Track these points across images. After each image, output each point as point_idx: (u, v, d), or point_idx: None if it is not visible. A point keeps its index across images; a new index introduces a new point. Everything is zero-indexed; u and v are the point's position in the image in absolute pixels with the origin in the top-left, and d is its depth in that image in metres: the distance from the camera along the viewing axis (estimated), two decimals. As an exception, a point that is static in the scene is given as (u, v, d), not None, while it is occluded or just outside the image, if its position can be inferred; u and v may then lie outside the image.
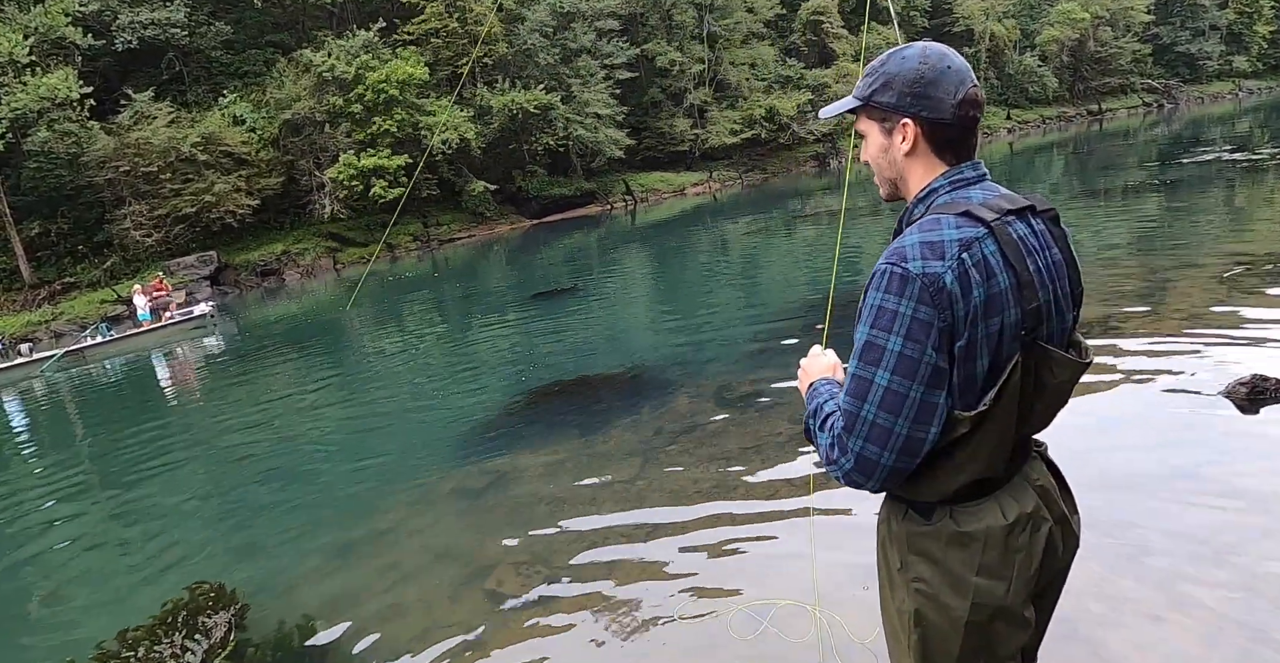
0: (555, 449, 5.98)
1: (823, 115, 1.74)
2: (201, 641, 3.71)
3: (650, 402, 6.73)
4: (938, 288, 1.39)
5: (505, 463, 5.91)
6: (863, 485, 1.50)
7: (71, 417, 13.01)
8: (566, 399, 7.41)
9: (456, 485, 5.68)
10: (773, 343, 8.30)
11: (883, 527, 1.68)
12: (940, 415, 1.43)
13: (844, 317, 8.65)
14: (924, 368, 1.40)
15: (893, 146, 1.60)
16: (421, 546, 4.82)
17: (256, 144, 28.71)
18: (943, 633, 1.56)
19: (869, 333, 1.46)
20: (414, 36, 31.65)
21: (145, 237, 26.66)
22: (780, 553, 3.95)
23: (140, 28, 28.05)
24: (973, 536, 1.52)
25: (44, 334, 23.31)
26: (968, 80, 1.54)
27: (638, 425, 6.14)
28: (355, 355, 12.69)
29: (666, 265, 17.19)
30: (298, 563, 4.93)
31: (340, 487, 6.32)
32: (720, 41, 40.07)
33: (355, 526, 5.35)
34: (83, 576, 5.47)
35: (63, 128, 25.86)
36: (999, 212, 1.49)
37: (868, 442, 1.44)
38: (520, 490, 5.34)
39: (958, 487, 1.51)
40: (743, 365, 7.58)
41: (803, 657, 3.09)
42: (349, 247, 29.89)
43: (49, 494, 7.73)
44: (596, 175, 35.30)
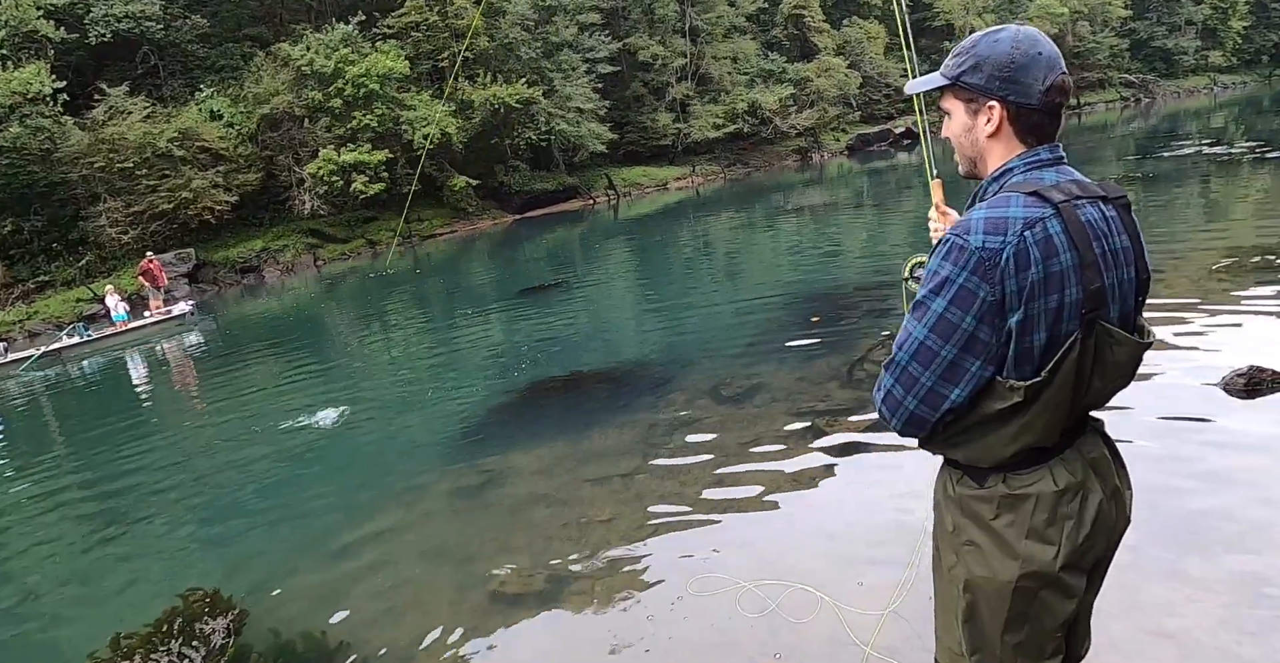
0: (550, 447, 5.92)
1: (909, 90, 1.83)
2: (199, 648, 3.63)
3: (645, 398, 6.67)
4: (992, 262, 1.47)
5: (500, 461, 5.83)
6: (888, 422, 1.62)
7: (49, 419, 12.76)
8: (559, 396, 7.33)
9: (452, 485, 5.61)
10: (766, 337, 8.25)
11: (939, 493, 1.76)
12: (970, 380, 1.52)
13: (842, 307, 8.80)
14: (960, 334, 1.50)
15: (976, 127, 1.65)
16: (419, 547, 4.75)
17: (234, 140, 28.30)
18: (991, 598, 1.62)
19: (923, 292, 1.55)
20: (394, 30, 31.30)
21: (121, 234, 26.22)
22: (782, 545, 3.94)
23: (114, 21, 27.54)
24: (1022, 498, 1.58)
25: (18, 334, 22.87)
26: (1057, 67, 1.57)
27: (633, 422, 6.09)
28: (340, 354, 12.51)
29: (653, 260, 17.14)
30: (292, 567, 4.85)
31: (331, 488, 6.21)
32: (702, 35, 40.00)
33: (349, 528, 5.26)
34: (69, 583, 5.34)
35: (35, 123, 25.33)
36: (1069, 195, 1.53)
37: (898, 383, 1.57)
38: (517, 489, 5.28)
39: (1012, 453, 1.57)
40: (737, 360, 7.54)
41: (813, 636, 3.06)
42: (329, 243, 29.56)
43: (28, 500, 7.57)
44: (579, 170, 35.16)
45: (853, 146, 42.04)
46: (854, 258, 13.09)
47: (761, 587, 3.54)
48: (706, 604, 3.52)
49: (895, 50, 48.41)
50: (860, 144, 42.00)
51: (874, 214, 18.58)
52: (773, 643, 3.14)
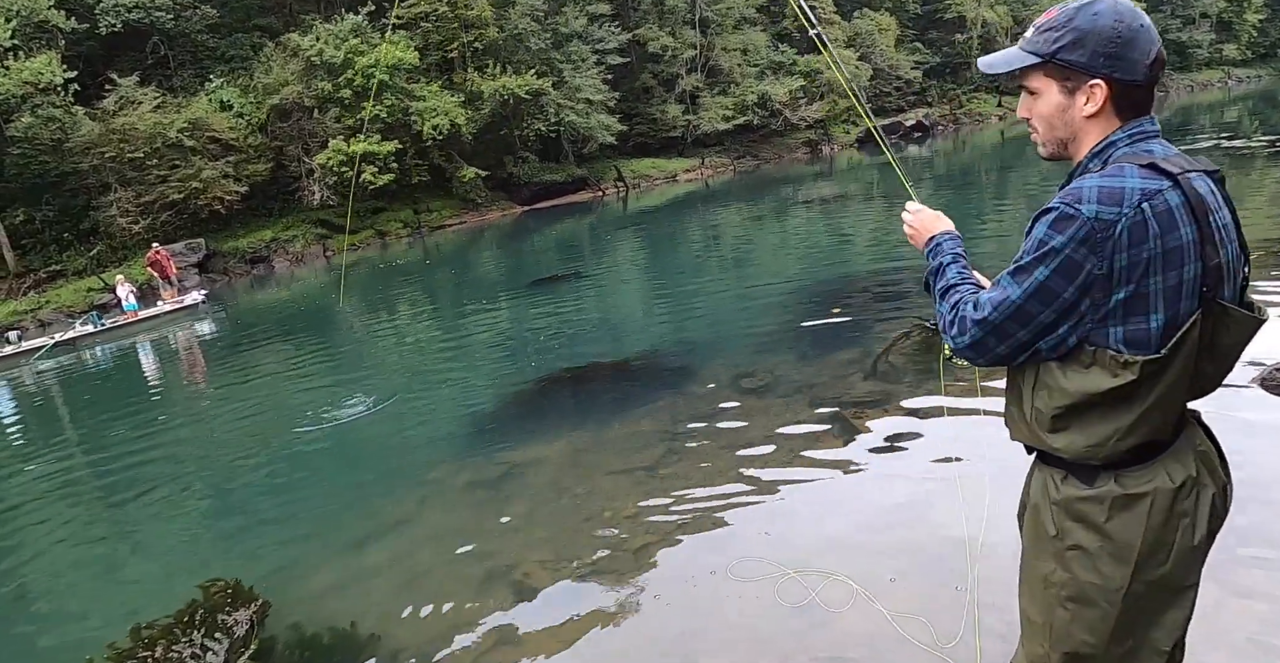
0: (570, 438, 5.87)
1: (987, 70, 1.65)
2: (222, 639, 3.60)
3: (665, 389, 6.61)
4: (1105, 235, 1.40)
5: (520, 454, 5.78)
6: (972, 360, 1.60)
7: (64, 407, 12.79)
8: (578, 387, 7.27)
9: (471, 478, 5.55)
10: (785, 328, 8.18)
11: (1037, 496, 1.65)
12: (1057, 339, 1.50)
13: (862, 299, 8.76)
14: (1061, 302, 1.46)
15: (1073, 107, 1.54)
16: (439, 540, 4.70)
17: (244, 130, 28.28)
18: (1098, 605, 1.53)
19: (1026, 258, 1.49)
20: (404, 21, 31.15)
21: (132, 224, 26.25)
22: (814, 537, 3.90)
23: (124, 11, 27.52)
24: (1138, 498, 1.50)
25: (30, 323, 22.95)
26: (1157, 39, 1.50)
27: (654, 413, 6.03)
28: (351, 344, 12.49)
29: (665, 251, 17.05)
30: (311, 559, 4.81)
31: (347, 480, 6.17)
32: (712, 27, 39.77)
33: (367, 520, 5.22)
34: (84, 573, 5.33)
35: (46, 113, 25.36)
36: (1181, 167, 1.46)
37: (989, 335, 1.54)
38: (538, 481, 5.22)
39: (1126, 449, 1.50)
40: (757, 351, 7.47)
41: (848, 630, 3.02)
42: (339, 234, 29.54)
43: (44, 489, 7.58)
44: (588, 161, 35.05)
45: (863, 139, 41.78)
46: (870, 250, 12.98)
47: (796, 579, 3.49)
48: (739, 595, 3.48)
49: (906, 42, 48.10)
50: (870, 137, 41.73)
51: (886, 207, 18.44)
52: (808, 635, 3.10)
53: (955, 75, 50.01)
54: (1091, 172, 1.51)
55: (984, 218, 14.31)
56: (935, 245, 1.78)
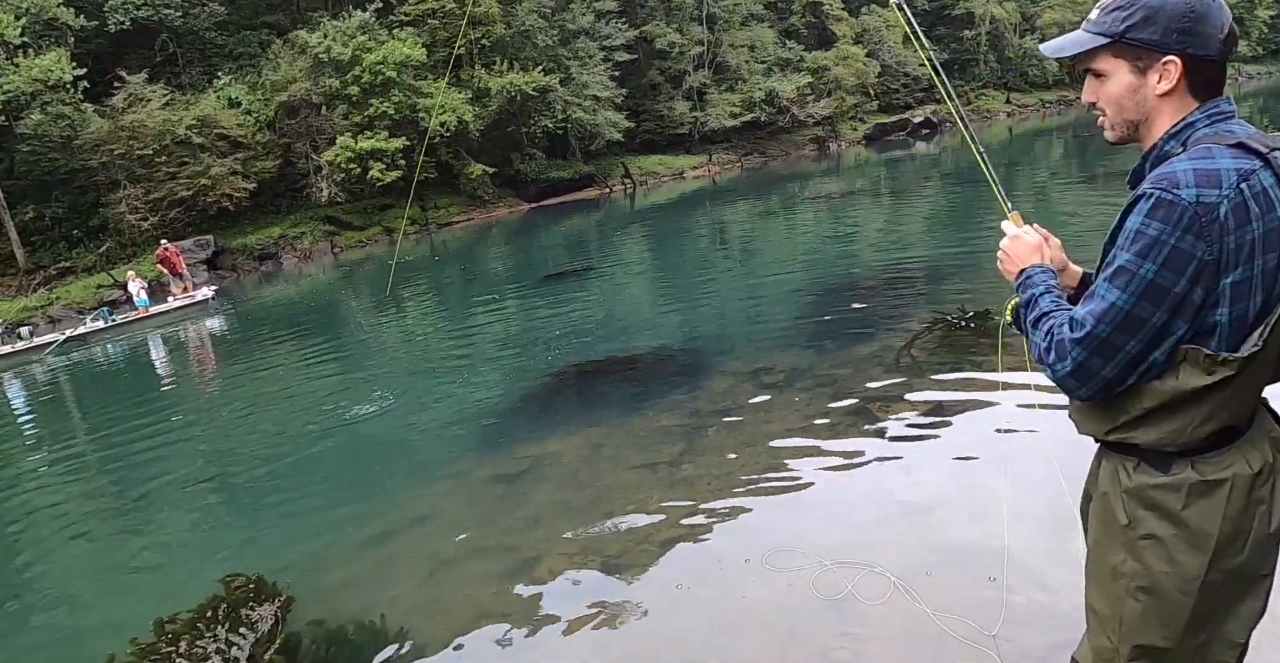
0: (590, 433, 5.84)
1: (1056, 54, 1.59)
2: (247, 634, 3.59)
3: (684, 383, 6.58)
4: (1210, 218, 1.35)
5: (539, 448, 5.75)
6: (1074, 391, 1.50)
7: (77, 403, 12.82)
8: (596, 381, 7.25)
9: (491, 472, 5.53)
10: (803, 323, 8.15)
11: (1106, 484, 1.60)
12: (1173, 343, 1.42)
13: (880, 294, 8.66)
14: (1173, 298, 1.39)
15: (1145, 86, 1.49)
16: (460, 535, 4.68)
17: (252, 127, 28.31)
18: (1171, 596, 1.49)
19: (1124, 258, 1.42)
20: (411, 17, 31.17)
21: (141, 221, 26.31)
22: (848, 530, 3.87)
23: (133, 8, 27.56)
24: (1216, 485, 1.45)
25: (40, 319, 23.02)
26: (1228, 12, 1.46)
27: (674, 407, 5.99)
28: (364, 339, 12.47)
29: (675, 247, 17.01)
30: (332, 554, 4.79)
31: (365, 474, 6.14)
32: (720, 23, 39.66)
33: (387, 514, 5.20)
34: (102, 568, 5.34)
35: (56, 110, 25.42)
36: (1267, 146, 1.41)
37: (1094, 355, 1.44)
38: (559, 476, 5.19)
39: (1205, 435, 1.45)
40: (778, 345, 7.46)
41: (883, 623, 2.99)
42: (346, 230, 29.59)
43: (59, 484, 7.59)
44: (595, 158, 34.99)
45: (870, 136, 41.67)
46: (882, 245, 12.94)
47: (832, 570, 3.46)
48: (773, 585, 3.45)
49: (914, 39, 47.91)
50: (878, 133, 41.63)
51: (897, 203, 18.41)
52: (845, 627, 3.07)
53: (963, 72, 49.78)
54: (1172, 155, 1.46)
55: (989, 219, 14.21)
56: (1026, 278, 1.67)
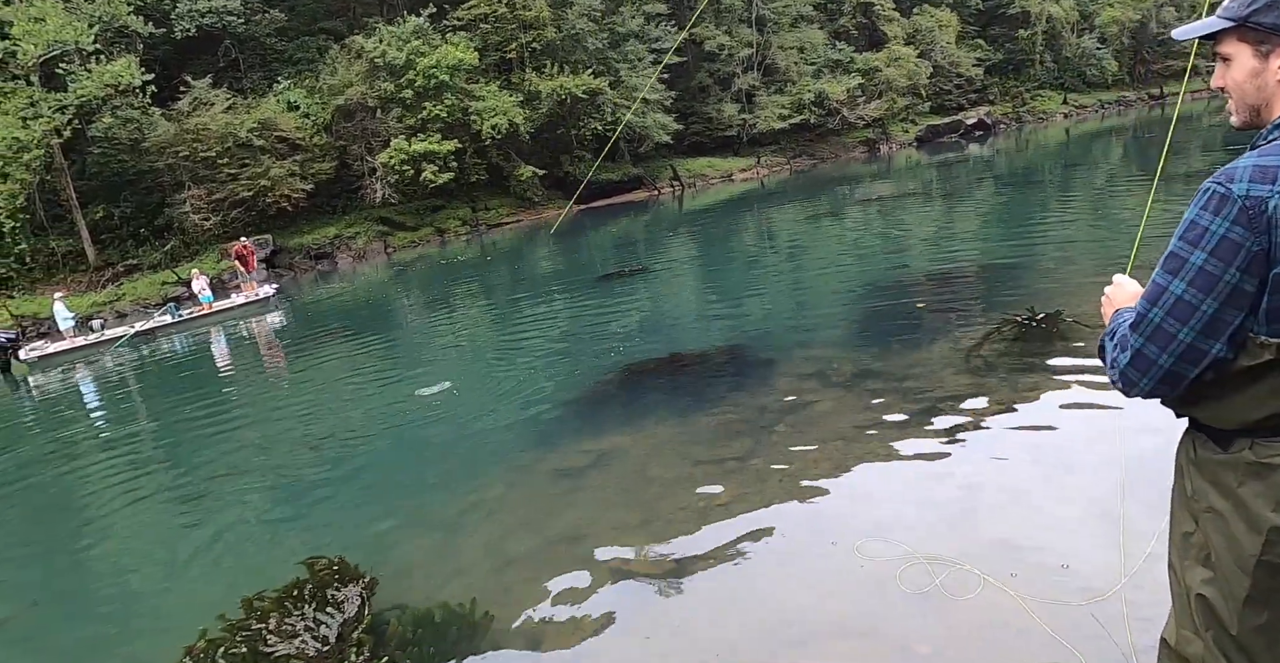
0: (655, 429, 5.84)
1: (1182, 36, 1.65)
2: (334, 614, 3.69)
3: (749, 380, 6.57)
4: (1258, 211, 1.40)
5: (604, 443, 5.77)
6: (1135, 383, 1.54)
7: (146, 393, 13.28)
8: (659, 377, 7.26)
9: (556, 465, 5.57)
10: (867, 323, 8.08)
11: (1181, 454, 1.67)
12: (1229, 334, 1.44)
13: (946, 294, 8.57)
14: (1223, 286, 1.43)
15: (1268, 71, 1.52)
16: (529, 525, 4.72)
17: (310, 130, 29.05)
18: (1232, 571, 1.52)
19: (1176, 244, 1.49)
20: (463, 22, 31.68)
21: (204, 220, 27.18)
22: (930, 526, 3.83)
23: (198, 16, 28.50)
24: (1272, 468, 1.48)
25: (108, 314, 23.90)
26: None
27: (739, 405, 5.97)
28: (424, 336, 12.68)
29: (730, 249, 16.95)
30: (406, 541, 4.88)
31: (431, 467, 6.24)
32: (769, 25, 39.53)
33: (456, 504, 5.29)
34: (181, 553, 5.42)
35: (125, 114, 26.41)
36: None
37: (1149, 341, 1.50)
38: (625, 470, 5.21)
39: (1262, 416, 1.48)
40: (842, 344, 7.41)
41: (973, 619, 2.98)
42: (399, 231, 30.17)
43: (135, 473, 7.82)
44: (644, 160, 35.12)
45: (922, 138, 41.08)
46: (941, 246, 12.72)
47: (922, 564, 3.44)
48: (858, 574, 3.45)
49: (968, 39, 47.13)
50: (930, 135, 41.02)
51: (951, 205, 18.09)
52: (931, 620, 3.05)
53: (1018, 72, 48.82)
54: (1269, 141, 1.50)
55: (1047, 219, 13.91)
56: (1117, 313, 1.73)
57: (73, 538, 6.11)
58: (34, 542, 6.38)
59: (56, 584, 5.34)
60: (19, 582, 5.51)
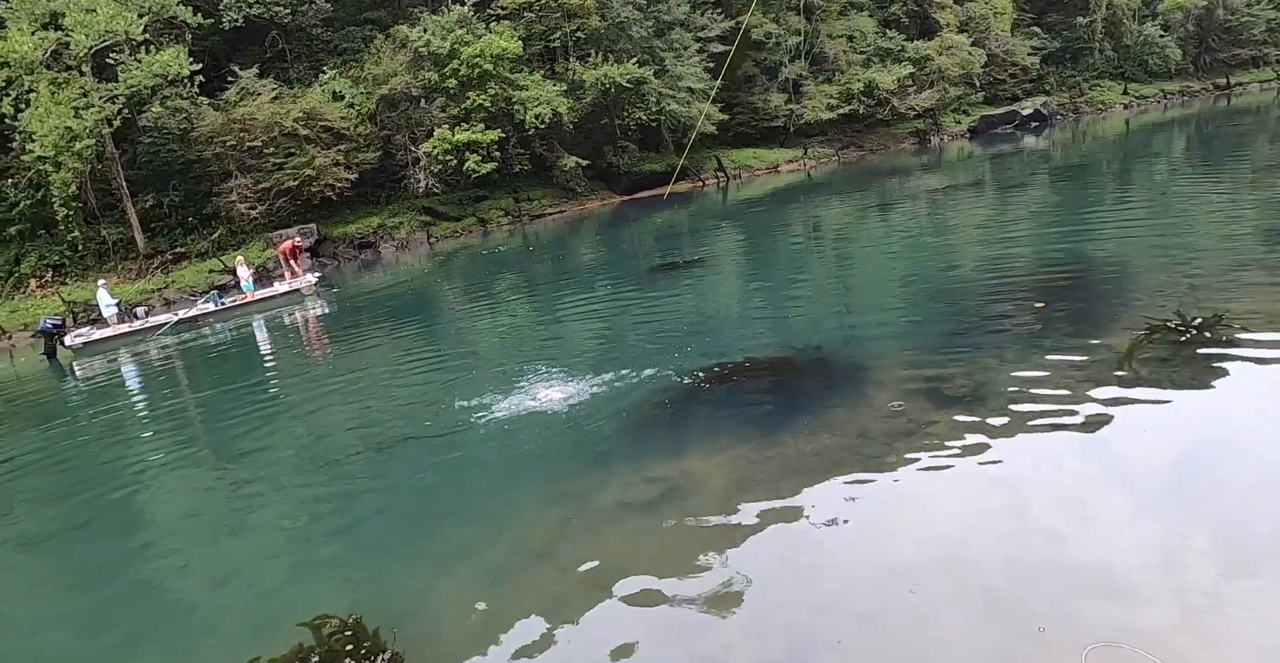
0: (734, 452, 5.04)
1: None
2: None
3: (840, 394, 5.73)
4: None
5: (675, 469, 4.99)
6: None
7: (184, 382, 13.18)
8: (734, 386, 6.42)
9: (620, 496, 4.82)
10: (972, 325, 7.04)
11: None
12: None
13: (1064, 293, 7.66)
14: None
15: None
16: (594, 580, 3.95)
17: (355, 119, 28.97)
18: None
19: None
20: (507, 10, 31.35)
21: (250, 209, 27.27)
22: (1122, 607, 3.11)
23: (246, 6, 28.53)
24: None
25: (156, 301, 24.12)
26: None
27: (833, 424, 5.17)
28: (466, 332, 12.25)
29: (785, 241, 16.20)
30: (437, 592, 4.19)
31: (474, 492, 5.49)
32: (818, 13, 38.58)
33: (500, 543, 4.54)
34: (191, 590, 5.04)
35: (174, 104, 26.57)
36: None
37: None
38: (703, 506, 4.42)
39: None
40: (944, 351, 6.39)
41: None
42: (442, 220, 30.06)
43: (164, 472, 7.68)
44: (688, 151, 34.52)
45: (975, 129, 39.86)
46: (1041, 241, 11.34)
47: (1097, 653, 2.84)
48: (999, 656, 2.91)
49: (1023, 27, 45.61)
50: (983, 126, 39.79)
51: (1024, 197, 17.09)
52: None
53: (1076, 61, 47.16)
54: None
55: (1136, 212, 13.08)
56: None
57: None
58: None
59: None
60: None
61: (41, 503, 7.55)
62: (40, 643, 4.79)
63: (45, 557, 6.14)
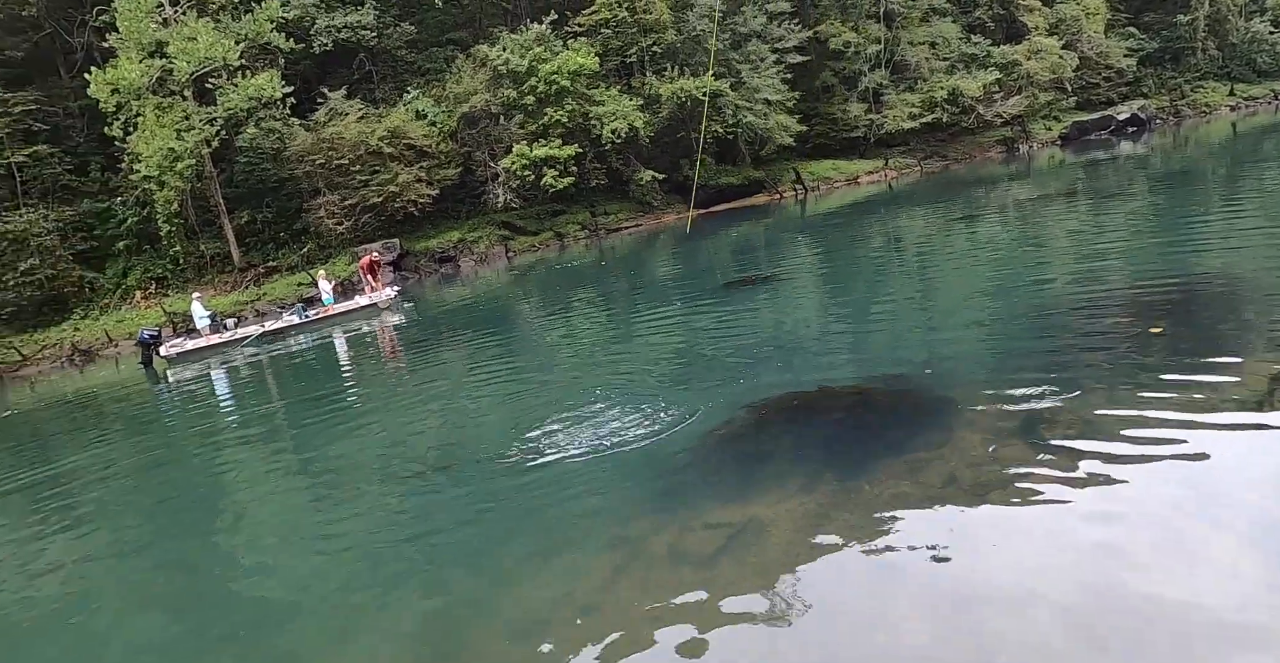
0: (804, 498, 4.60)
1: None
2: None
3: (925, 433, 5.18)
4: None
5: (738, 514, 4.57)
6: None
7: (268, 392, 13.65)
8: (805, 419, 5.96)
9: (675, 542, 4.43)
10: (1072, 352, 6.30)
11: None
12: None
13: (1186, 314, 6.92)
14: None
15: None
16: (641, 641, 3.60)
17: (436, 137, 29.76)
18: None
19: None
20: (584, 28, 31.72)
21: (337, 225, 28.31)
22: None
23: (335, 31, 29.71)
24: None
25: (249, 312, 25.25)
26: None
27: (917, 467, 4.67)
28: (537, 349, 12.23)
29: (865, 256, 15.62)
30: (469, 654, 3.95)
31: (527, 526, 5.14)
32: (898, 20, 37.73)
33: (542, 592, 4.25)
34: (271, 590, 5.16)
35: (268, 125, 27.84)
36: None
37: None
38: (767, 561, 4.00)
39: None
40: (1047, 383, 5.64)
41: None
42: (520, 235, 30.54)
43: (238, 473, 8.01)
44: (765, 163, 34.19)
45: (1067, 136, 38.20)
46: (1148, 257, 10.34)
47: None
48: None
49: (1118, 27, 43.57)
50: (1076, 133, 38.08)
51: (1126, 208, 15.96)
52: None
53: (1176, 62, 44.75)
54: None
55: (1209, 225, 12.08)
56: None
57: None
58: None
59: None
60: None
61: (136, 502, 8.07)
62: (128, 631, 5.22)
63: (137, 552, 6.63)
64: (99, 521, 7.61)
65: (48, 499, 8.59)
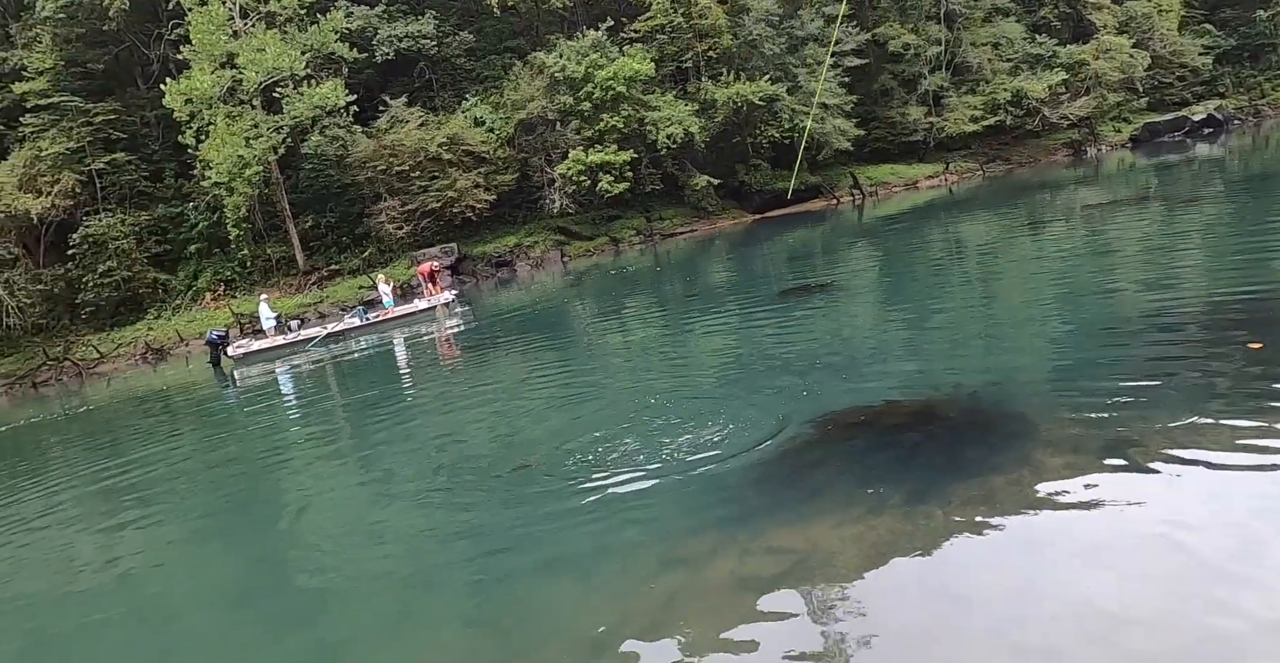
0: (872, 522, 4.40)
1: None
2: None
3: (999, 454, 4.92)
4: None
5: (801, 538, 4.41)
6: None
7: (329, 393, 13.97)
8: (872, 438, 5.70)
9: (735, 567, 4.28)
10: (1158, 369, 5.88)
11: None
12: None
13: (1267, 324, 6.42)
14: None
15: None
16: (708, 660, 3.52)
17: (494, 143, 30.23)
18: None
19: None
20: (640, 34, 31.84)
21: (397, 229, 28.94)
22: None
23: (396, 41, 30.40)
24: None
25: (312, 315, 25.94)
26: None
27: (991, 494, 4.42)
28: (591, 355, 12.22)
29: (929, 263, 15.16)
30: (524, 655, 3.95)
31: (581, 543, 5.02)
32: (960, 20, 36.96)
33: (595, 615, 4.11)
34: (331, 588, 5.17)
35: (332, 133, 28.61)
36: None
37: None
38: (833, 589, 3.86)
39: None
40: (1131, 400, 5.33)
41: None
42: (575, 239, 30.78)
43: (300, 471, 8.25)
44: (822, 168, 33.82)
45: (1138, 138, 36.89)
46: (1236, 266, 9.65)
47: None
48: None
49: (1193, 24, 41.94)
50: (1148, 135, 36.75)
51: (1203, 214, 15.19)
52: None
53: (1256, 60, 42.86)
54: None
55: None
56: None
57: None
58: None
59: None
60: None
61: (206, 496, 8.46)
62: (196, 616, 5.57)
63: (206, 541, 7.10)
64: (171, 512, 8.00)
65: (124, 490, 9.06)
